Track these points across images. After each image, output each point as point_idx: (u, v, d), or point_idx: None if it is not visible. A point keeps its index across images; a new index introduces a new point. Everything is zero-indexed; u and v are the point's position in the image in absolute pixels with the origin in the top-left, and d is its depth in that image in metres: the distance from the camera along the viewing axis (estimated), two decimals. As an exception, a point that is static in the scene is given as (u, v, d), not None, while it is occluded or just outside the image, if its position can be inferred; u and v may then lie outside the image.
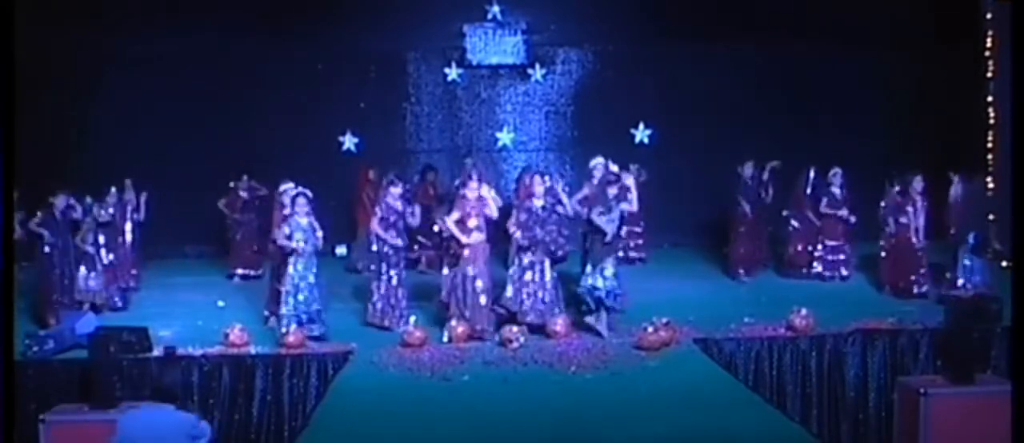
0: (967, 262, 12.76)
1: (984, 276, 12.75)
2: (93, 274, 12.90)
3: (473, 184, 12.03)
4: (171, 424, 6.41)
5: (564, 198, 11.92)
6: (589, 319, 11.51)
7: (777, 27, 16.44)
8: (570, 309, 11.74)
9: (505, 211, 12.63)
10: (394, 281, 12.07)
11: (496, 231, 12.41)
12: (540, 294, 11.52)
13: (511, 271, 11.77)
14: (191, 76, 16.50)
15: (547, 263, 11.63)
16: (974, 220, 13.02)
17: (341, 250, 15.93)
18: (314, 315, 11.53)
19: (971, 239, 12.80)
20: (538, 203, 11.71)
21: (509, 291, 11.56)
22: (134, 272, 14.18)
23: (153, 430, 6.36)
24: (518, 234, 11.73)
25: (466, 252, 11.64)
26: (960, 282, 12.75)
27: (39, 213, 12.38)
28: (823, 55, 16.75)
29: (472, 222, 11.65)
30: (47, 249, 12.34)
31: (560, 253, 11.78)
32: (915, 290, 12.99)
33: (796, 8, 16.37)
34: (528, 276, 11.53)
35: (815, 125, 16.63)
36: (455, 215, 11.79)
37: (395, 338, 11.19)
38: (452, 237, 11.93)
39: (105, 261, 13.19)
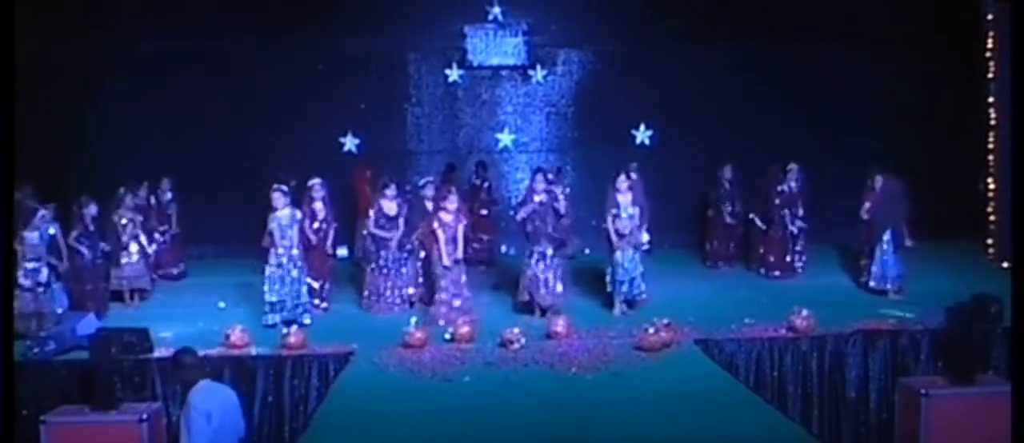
0: (883, 257, 13.22)
1: (898, 271, 13.18)
2: (132, 261, 13.44)
3: (453, 197, 12.57)
4: (232, 396, 7.69)
5: (560, 197, 12.58)
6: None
7: (778, 28, 16.45)
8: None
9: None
10: (387, 272, 12.89)
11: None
12: (548, 280, 12.29)
13: (524, 264, 12.49)
14: (191, 78, 16.52)
15: (549, 251, 12.33)
16: (891, 217, 13.30)
17: (342, 251, 15.94)
18: (299, 309, 12.12)
19: (887, 235, 13.18)
20: (537, 198, 12.38)
21: (523, 292, 12.47)
22: (181, 263, 15.21)
23: (225, 400, 7.50)
24: (519, 218, 12.56)
25: (445, 263, 12.23)
26: (873, 272, 13.34)
27: (75, 231, 12.77)
28: (824, 56, 16.75)
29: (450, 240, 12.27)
30: (86, 257, 12.73)
31: (564, 249, 12.58)
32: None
33: (796, 10, 16.37)
34: (537, 265, 12.29)
35: (816, 126, 16.63)
36: (441, 227, 12.22)
37: (396, 339, 11.19)
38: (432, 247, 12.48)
39: (147, 250, 13.88)
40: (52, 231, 12.32)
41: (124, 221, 13.48)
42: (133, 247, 13.55)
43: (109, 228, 13.32)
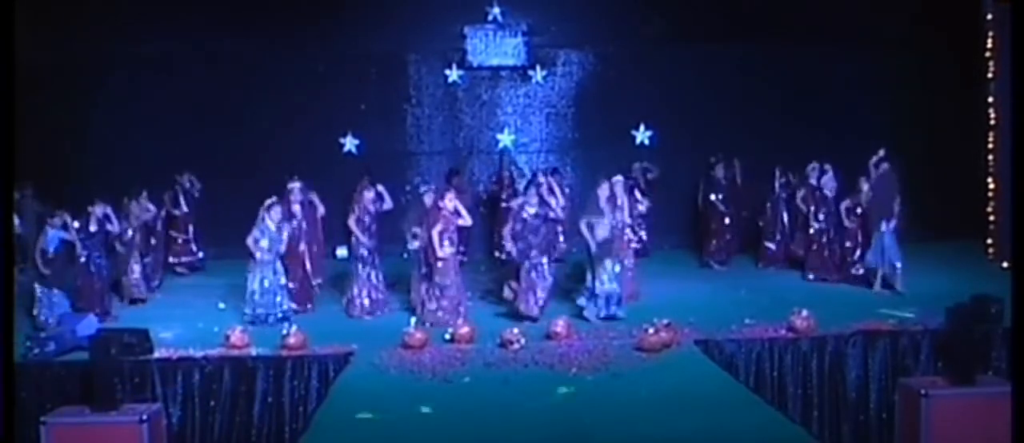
0: (880, 243, 13.32)
1: (895, 257, 13.25)
2: (137, 271, 13.56)
3: (449, 194, 12.56)
4: None
5: (552, 202, 12.41)
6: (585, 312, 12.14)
7: (778, 29, 16.45)
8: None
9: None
10: (372, 277, 12.86)
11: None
12: (536, 291, 12.08)
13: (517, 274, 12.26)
14: (191, 79, 16.52)
15: (545, 261, 12.18)
16: (888, 206, 13.39)
17: (342, 252, 15.94)
18: (285, 314, 12.19)
19: (884, 225, 13.28)
20: (531, 210, 12.20)
21: (508, 293, 12.31)
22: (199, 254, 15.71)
23: None
24: (511, 245, 12.25)
25: (440, 265, 12.20)
26: (869, 258, 13.55)
27: (77, 223, 12.76)
28: (824, 56, 16.76)
29: (446, 237, 12.23)
30: (83, 257, 12.70)
31: (555, 255, 12.49)
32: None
33: (797, 10, 16.37)
34: (530, 275, 12.06)
35: (816, 126, 16.58)
36: (438, 227, 12.21)
37: (396, 339, 11.19)
38: (428, 248, 12.40)
39: (145, 258, 13.97)
40: (63, 237, 12.45)
41: (130, 233, 13.48)
42: (135, 258, 13.62)
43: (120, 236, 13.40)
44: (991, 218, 15.09)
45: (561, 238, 13.64)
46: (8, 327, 8.86)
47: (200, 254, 15.75)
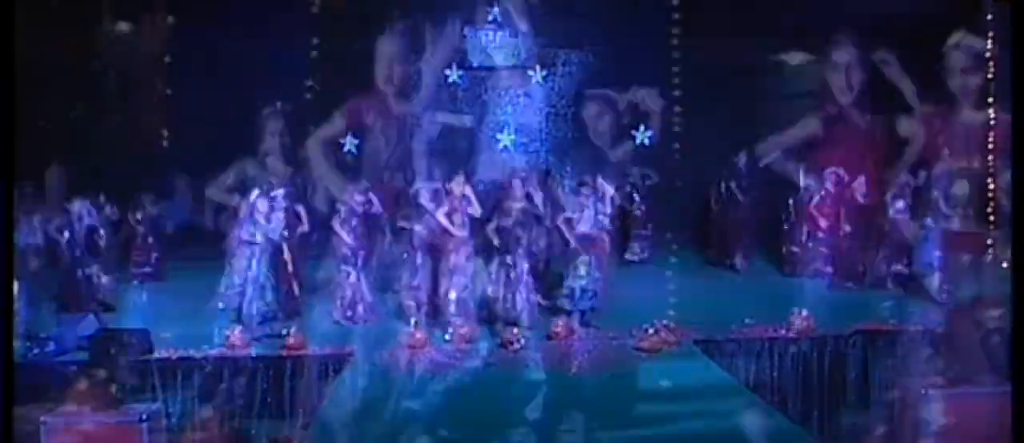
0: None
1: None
2: (107, 275, 13.34)
3: (459, 179, 12.51)
4: None
5: (536, 201, 12.35)
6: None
7: (778, 28, 16.44)
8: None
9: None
10: (357, 281, 12.50)
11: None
12: (514, 293, 11.85)
13: (490, 269, 12.11)
14: (191, 77, 16.50)
15: (524, 264, 11.99)
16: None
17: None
18: (275, 314, 12.09)
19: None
20: (518, 206, 12.20)
21: (490, 289, 12.02)
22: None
23: None
24: (495, 239, 12.13)
25: (451, 247, 12.06)
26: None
27: (56, 219, 12.68)
28: (824, 56, 16.73)
29: (457, 218, 12.14)
30: (65, 253, 12.57)
31: (539, 256, 12.32)
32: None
33: (798, 9, 16.36)
34: (504, 275, 11.91)
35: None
36: (444, 208, 12.14)
37: (396, 340, 11.19)
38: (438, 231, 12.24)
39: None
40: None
41: (101, 232, 13.39)
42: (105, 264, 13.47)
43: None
44: (991, 218, 15.07)
45: (543, 240, 13.35)
46: (8, 327, 8.86)
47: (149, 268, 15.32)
